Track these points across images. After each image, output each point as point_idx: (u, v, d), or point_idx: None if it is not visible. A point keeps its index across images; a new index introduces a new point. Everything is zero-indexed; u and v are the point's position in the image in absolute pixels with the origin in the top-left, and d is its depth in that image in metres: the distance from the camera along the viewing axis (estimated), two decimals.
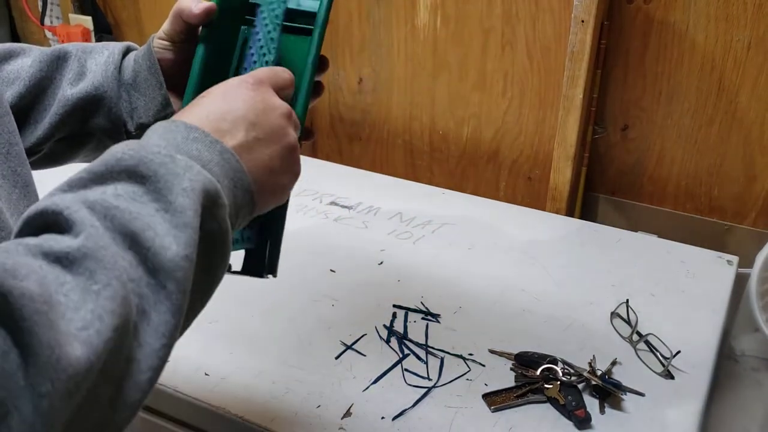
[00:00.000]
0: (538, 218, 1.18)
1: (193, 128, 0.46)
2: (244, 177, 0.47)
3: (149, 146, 0.42)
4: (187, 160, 0.43)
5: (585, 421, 0.75)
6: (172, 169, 0.41)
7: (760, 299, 1.02)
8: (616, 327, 0.90)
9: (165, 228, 0.39)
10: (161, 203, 0.40)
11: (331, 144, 1.59)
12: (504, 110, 1.35)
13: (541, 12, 1.24)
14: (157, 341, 0.38)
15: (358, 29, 1.43)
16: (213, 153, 0.45)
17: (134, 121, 0.63)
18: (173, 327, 0.39)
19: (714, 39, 1.14)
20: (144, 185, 0.41)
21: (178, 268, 0.39)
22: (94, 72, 0.63)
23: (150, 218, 0.39)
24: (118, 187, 0.40)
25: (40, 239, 0.37)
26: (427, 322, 0.91)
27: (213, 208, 0.43)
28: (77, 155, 0.67)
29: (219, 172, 0.45)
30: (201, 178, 0.42)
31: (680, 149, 1.25)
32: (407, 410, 0.77)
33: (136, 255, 0.39)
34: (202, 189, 0.42)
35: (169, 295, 0.39)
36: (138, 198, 0.40)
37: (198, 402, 0.78)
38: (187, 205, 0.41)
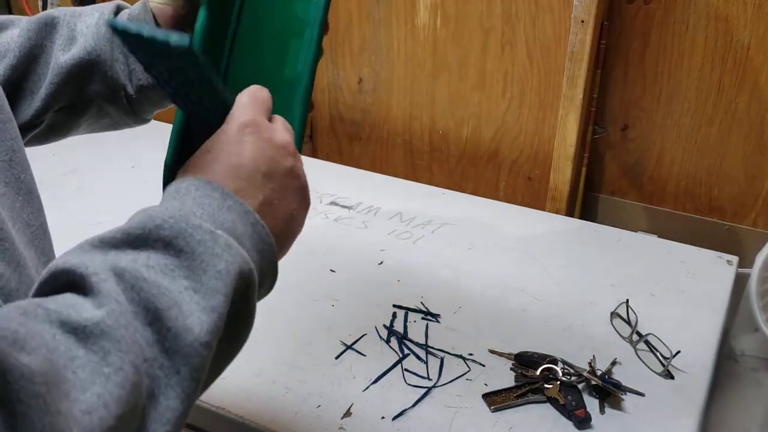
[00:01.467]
0: (538, 218, 1.18)
1: (228, 195, 0.44)
2: (271, 248, 0.45)
3: (188, 216, 0.41)
4: (226, 239, 0.41)
5: (585, 421, 0.75)
6: (211, 248, 0.40)
7: (760, 299, 1.02)
8: (616, 327, 0.90)
9: (191, 308, 0.38)
10: (192, 282, 0.39)
11: (331, 144, 1.59)
12: (504, 110, 1.35)
13: (541, 12, 1.24)
14: (161, 428, 0.37)
15: (358, 29, 1.43)
16: (246, 225, 0.44)
17: (133, 83, 0.61)
18: (180, 414, 0.37)
19: (714, 39, 1.14)
20: (179, 259, 0.39)
21: (196, 354, 0.38)
22: (86, 35, 0.60)
23: (178, 295, 0.38)
24: (151, 257, 0.39)
25: (61, 304, 0.35)
26: (427, 322, 0.91)
27: (246, 290, 0.42)
28: (79, 124, 0.65)
29: (251, 246, 0.43)
30: (238, 260, 0.41)
31: (680, 149, 1.25)
32: (407, 410, 0.77)
33: (155, 333, 0.37)
34: (238, 271, 0.41)
35: (180, 381, 0.37)
36: (170, 273, 0.38)
37: (198, 402, 0.78)
38: (219, 289, 0.39)
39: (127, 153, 1.35)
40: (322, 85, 1.55)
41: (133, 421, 0.35)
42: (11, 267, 0.42)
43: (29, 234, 0.47)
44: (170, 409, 0.37)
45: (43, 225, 0.50)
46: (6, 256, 0.42)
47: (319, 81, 1.54)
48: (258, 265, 0.44)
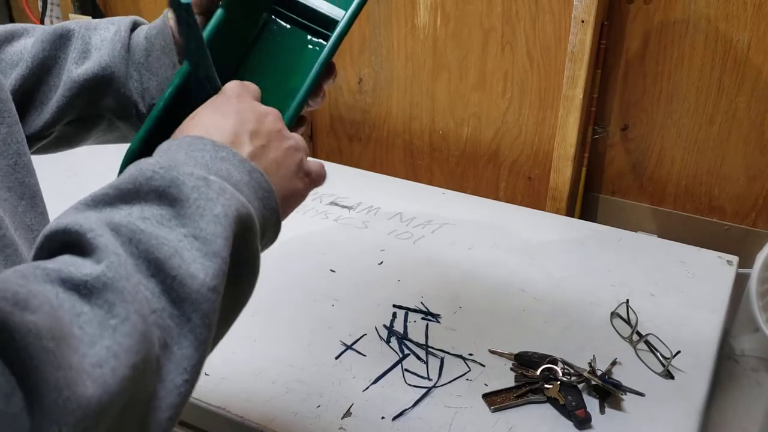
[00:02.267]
0: (538, 218, 1.18)
1: (220, 147, 0.44)
2: (272, 195, 0.45)
3: (180, 166, 0.41)
4: (221, 183, 0.41)
5: (585, 421, 0.75)
6: (205, 193, 0.40)
7: (760, 299, 1.02)
8: (616, 327, 0.90)
9: (193, 255, 0.38)
10: (191, 228, 0.38)
11: (331, 144, 1.59)
12: (504, 110, 1.35)
13: (541, 12, 1.24)
14: (178, 377, 0.36)
15: (358, 29, 1.43)
16: (242, 173, 0.44)
17: (146, 101, 0.61)
18: (196, 362, 0.37)
19: (714, 39, 1.14)
20: (174, 208, 0.39)
21: (204, 300, 0.37)
22: (100, 50, 0.60)
23: (178, 244, 0.38)
24: (145, 209, 0.38)
25: (60, 263, 0.35)
26: (427, 322, 0.91)
27: (246, 235, 0.42)
28: (88, 137, 0.65)
29: (249, 193, 0.43)
30: (234, 203, 0.41)
31: (680, 149, 1.25)
32: (407, 410, 0.77)
33: (160, 283, 0.37)
34: (236, 216, 0.40)
35: (193, 329, 0.37)
36: (166, 222, 0.38)
37: (198, 402, 0.78)
38: (218, 233, 0.39)
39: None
40: None
41: (148, 371, 0.35)
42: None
43: (31, 239, 0.47)
44: (186, 357, 0.37)
45: None
46: (9, 262, 0.41)
47: None
48: (259, 212, 0.44)
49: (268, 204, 0.45)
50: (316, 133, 1.61)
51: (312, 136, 1.61)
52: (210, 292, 0.38)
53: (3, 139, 0.48)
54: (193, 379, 0.37)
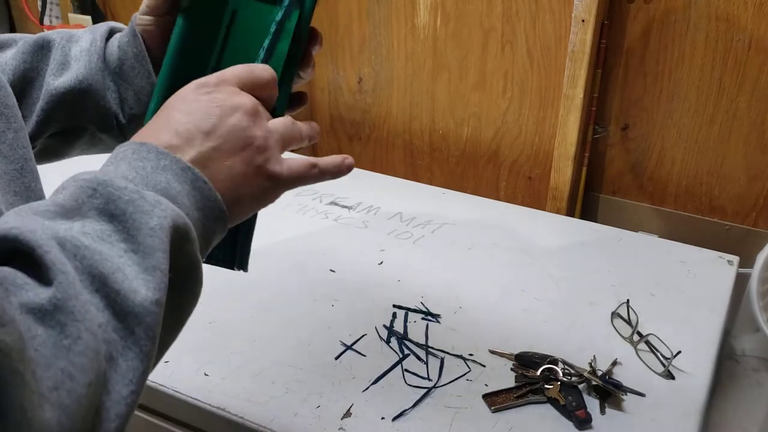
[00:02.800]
0: (538, 218, 1.18)
1: (163, 154, 0.44)
2: (215, 205, 0.45)
3: (118, 180, 0.41)
4: (154, 196, 0.41)
5: (585, 422, 0.75)
6: (140, 206, 0.40)
7: (761, 299, 1.02)
8: (616, 327, 0.90)
9: (134, 271, 0.38)
10: (130, 244, 0.39)
11: (331, 144, 1.59)
12: (504, 110, 1.35)
13: (542, 11, 1.24)
14: (125, 388, 0.37)
15: (358, 29, 1.43)
16: (183, 183, 0.44)
17: (125, 112, 0.60)
18: (141, 373, 0.38)
19: (714, 39, 1.14)
20: (112, 224, 0.39)
21: (147, 313, 0.38)
22: (78, 61, 0.60)
23: (119, 260, 0.38)
24: (86, 225, 0.39)
25: (13, 282, 0.35)
26: (427, 322, 0.91)
27: (183, 243, 0.42)
28: (72, 150, 0.65)
29: (188, 204, 0.43)
30: (170, 214, 0.41)
31: (681, 149, 1.24)
32: (407, 411, 0.77)
33: (104, 298, 0.37)
34: (171, 226, 0.41)
35: (137, 341, 0.37)
36: (106, 237, 0.39)
37: (198, 402, 0.78)
38: (156, 246, 0.39)
39: None
40: (322, 85, 1.54)
41: (99, 386, 0.35)
42: None
43: None
44: (131, 368, 0.37)
45: None
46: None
47: (319, 81, 1.54)
48: (199, 222, 0.44)
49: (210, 213, 0.45)
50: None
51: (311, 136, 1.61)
52: (153, 305, 0.38)
53: (10, 144, 0.48)
54: (139, 389, 0.38)
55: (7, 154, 0.48)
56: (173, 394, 0.79)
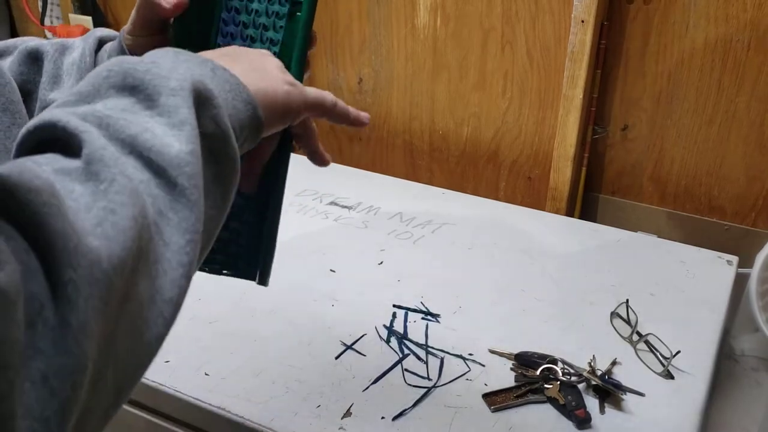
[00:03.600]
0: (537, 218, 1.18)
1: (180, 51, 0.44)
2: (241, 89, 0.45)
3: (131, 59, 0.41)
4: (172, 63, 0.41)
5: (585, 421, 0.75)
6: (157, 73, 0.40)
7: (760, 299, 1.02)
8: (616, 327, 0.90)
9: (162, 129, 0.38)
10: (154, 109, 0.39)
11: (331, 144, 1.59)
12: (504, 110, 1.35)
13: (541, 12, 1.24)
14: (181, 237, 0.36)
15: (358, 29, 1.43)
16: (204, 69, 0.44)
17: None
18: (195, 221, 0.37)
19: (714, 39, 1.14)
20: (133, 96, 0.39)
21: (186, 163, 0.37)
22: (69, 76, 0.60)
23: (145, 123, 0.38)
24: (107, 103, 0.39)
25: (45, 158, 0.35)
26: (427, 322, 0.91)
27: (207, 108, 0.41)
28: None
29: (212, 85, 0.43)
30: (188, 77, 0.41)
31: (680, 149, 1.25)
32: (407, 410, 0.77)
33: (139, 158, 0.37)
34: (192, 88, 0.41)
35: (182, 191, 0.37)
36: (129, 108, 0.39)
37: (198, 402, 0.78)
38: (179, 104, 0.39)
39: None
40: (322, 85, 1.55)
41: (147, 228, 0.35)
42: None
43: None
44: (184, 219, 0.37)
45: None
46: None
47: (319, 81, 1.54)
48: (228, 102, 0.44)
49: (239, 96, 0.45)
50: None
51: None
52: (189, 156, 0.38)
53: (15, 139, 0.48)
54: (196, 239, 0.38)
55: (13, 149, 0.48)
56: (174, 394, 0.80)
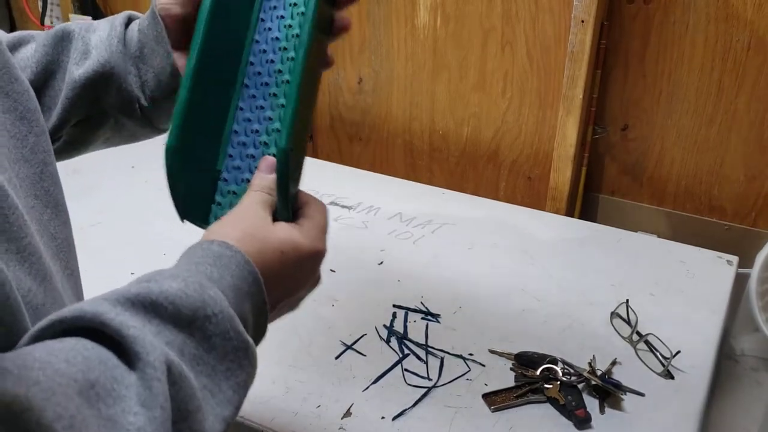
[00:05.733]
0: (538, 218, 1.18)
1: (263, 311, 0.46)
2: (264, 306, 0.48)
3: (234, 319, 0.42)
4: (254, 351, 0.43)
5: (585, 421, 0.75)
6: (240, 359, 0.42)
7: (760, 299, 1.02)
8: (616, 327, 0.90)
9: (209, 412, 0.39)
10: (212, 382, 0.40)
11: (331, 144, 1.59)
12: (504, 110, 1.35)
13: (541, 12, 1.24)
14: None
15: (358, 29, 1.43)
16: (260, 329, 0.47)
17: (146, 95, 0.61)
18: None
19: (714, 39, 1.14)
20: (209, 355, 0.40)
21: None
22: (98, 48, 0.60)
23: (200, 394, 0.39)
24: (187, 344, 0.39)
25: (111, 393, 0.35)
26: (427, 322, 0.91)
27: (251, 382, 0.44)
28: (97, 138, 0.65)
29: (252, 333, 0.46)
30: (254, 373, 0.43)
31: (680, 149, 1.25)
32: (407, 410, 0.77)
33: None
34: (248, 383, 0.43)
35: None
36: (196, 366, 0.39)
37: None
38: (233, 401, 0.41)
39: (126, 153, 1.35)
40: (322, 86, 1.55)
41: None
42: (38, 281, 0.41)
43: (54, 247, 0.47)
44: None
45: (69, 239, 0.50)
46: (33, 270, 0.41)
47: None
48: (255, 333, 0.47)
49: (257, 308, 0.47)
50: (316, 133, 1.61)
51: (312, 136, 1.61)
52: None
53: (31, 147, 0.48)
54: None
55: (29, 157, 0.47)
56: None
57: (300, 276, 0.51)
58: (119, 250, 1.05)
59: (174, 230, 0.60)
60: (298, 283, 0.51)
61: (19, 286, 0.39)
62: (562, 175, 1.27)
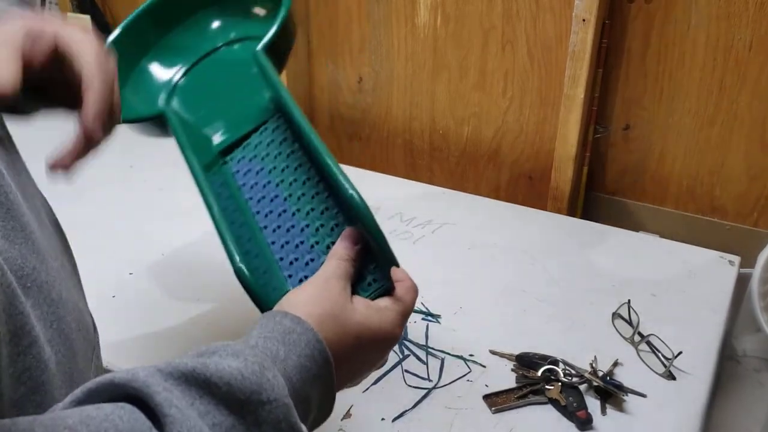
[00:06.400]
0: (538, 218, 1.18)
1: (332, 395, 0.46)
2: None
3: (291, 411, 0.39)
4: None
5: (586, 423, 0.74)
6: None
7: (762, 299, 1.02)
8: (617, 327, 0.90)
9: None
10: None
11: (331, 143, 1.59)
12: (504, 109, 1.35)
13: (542, 11, 1.24)
14: None
15: (358, 29, 1.43)
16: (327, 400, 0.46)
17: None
18: None
19: (715, 38, 1.13)
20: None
21: None
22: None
23: None
24: (228, 425, 0.37)
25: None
26: (427, 322, 0.91)
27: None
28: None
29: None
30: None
31: (682, 149, 1.24)
32: (407, 411, 0.77)
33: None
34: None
35: None
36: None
37: None
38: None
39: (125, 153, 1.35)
40: (322, 85, 1.54)
41: None
42: (39, 259, 0.41)
43: (44, 228, 0.46)
44: None
45: (56, 220, 0.49)
46: (35, 248, 0.41)
47: (319, 81, 1.54)
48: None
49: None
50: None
51: None
52: None
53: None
54: None
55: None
56: None
57: (369, 359, 0.50)
58: (118, 249, 1.05)
59: (172, 230, 0.60)
60: (364, 366, 0.51)
61: (25, 264, 0.39)
62: (564, 174, 1.26)
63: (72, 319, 0.44)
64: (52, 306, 0.41)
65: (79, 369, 0.44)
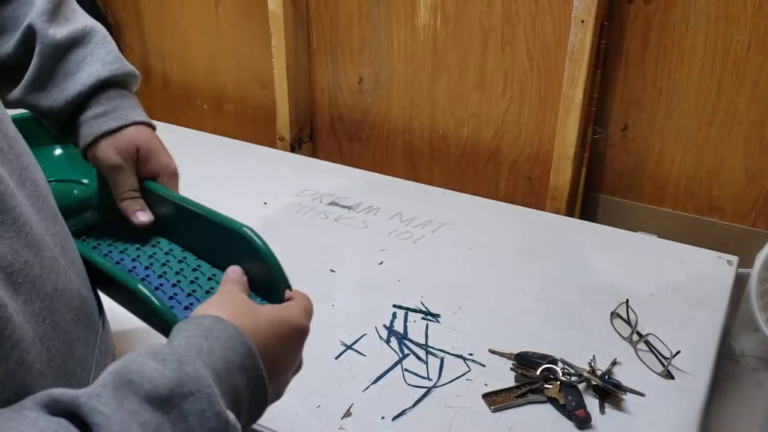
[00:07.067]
0: (538, 218, 1.18)
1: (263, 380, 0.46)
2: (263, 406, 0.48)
3: (218, 399, 0.40)
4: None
5: (585, 421, 0.75)
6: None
7: (760, 299, 1.02)
8: (616, 327, 0.90)
9: None
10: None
11: (331, 144, 1.59)
12: (504, 110, 1.35)
13: (541, 12, 1.24)
14: None
15: (358, 29, 1.43)
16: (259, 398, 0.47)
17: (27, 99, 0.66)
18: None
19: (714, 39, 1.14)
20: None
21: None
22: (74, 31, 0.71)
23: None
24: (162, 426, 0.38)
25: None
26: (427, 322, 0.91)
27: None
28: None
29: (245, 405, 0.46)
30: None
31: (680, 149, 1.25)
32: (407, 410, 0.77)
33: None
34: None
35: None
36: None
37: None
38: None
39: None
40: (322, 85, 1.55)
41: None
42: (33, 252, 0.41)
43: (42, 216, 0.46)
44: None
45: (54, 207, 0.50)
46: (29, 241, 0.41)
47: (319, 81, 1.54)
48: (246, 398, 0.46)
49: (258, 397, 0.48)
50: (316, 133, 1.61)
51: (312, 136, 1.61)
52: None
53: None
54: None
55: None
56: None
57: (287, 352, 0.52)
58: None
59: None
60: (285, 360, 0.52)
61: (16, 258, 0.39)
62: (562, 175, 1.27)
63: (68, 310, 0.45)
64: (45, 300, 0.42)
65: (75, 359, 0.45)
